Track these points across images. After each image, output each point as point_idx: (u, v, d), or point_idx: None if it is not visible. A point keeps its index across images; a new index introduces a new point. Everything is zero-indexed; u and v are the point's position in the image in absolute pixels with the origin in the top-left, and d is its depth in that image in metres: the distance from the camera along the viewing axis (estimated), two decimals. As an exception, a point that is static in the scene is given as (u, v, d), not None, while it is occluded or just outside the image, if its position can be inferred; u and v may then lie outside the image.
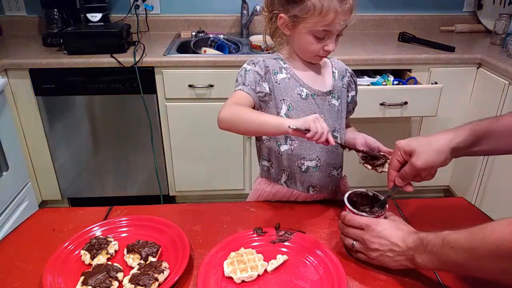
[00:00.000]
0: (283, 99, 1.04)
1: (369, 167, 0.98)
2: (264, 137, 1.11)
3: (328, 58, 1.13)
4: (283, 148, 1.08)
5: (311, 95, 1.06)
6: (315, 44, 0.98)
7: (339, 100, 1.10)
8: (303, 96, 1.05)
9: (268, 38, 1.10)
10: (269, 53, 1.12)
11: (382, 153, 1.01)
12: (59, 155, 2.20)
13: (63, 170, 2.24)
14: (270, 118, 0.94)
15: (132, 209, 1.03)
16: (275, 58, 1.08)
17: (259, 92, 1.03)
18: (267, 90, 1.04)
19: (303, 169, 1.09)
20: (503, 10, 2.37)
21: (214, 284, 0.79)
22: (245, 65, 1.07)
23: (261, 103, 1.05)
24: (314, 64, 1.09)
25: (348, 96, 1.15)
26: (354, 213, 0.87)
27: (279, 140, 1.08)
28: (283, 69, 1.06)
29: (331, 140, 0.88)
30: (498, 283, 0.79)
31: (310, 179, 1.11)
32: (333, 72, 1.12)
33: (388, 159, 0.98)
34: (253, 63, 1.05)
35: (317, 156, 1.09)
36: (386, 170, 0.96)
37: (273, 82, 1.05)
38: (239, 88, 1.03)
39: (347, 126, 1.20)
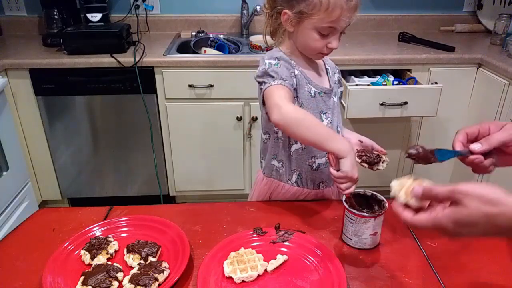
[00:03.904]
0: (296, 96, 1.03)
1: (366, 165, 0.99)
2: (279, 135, 1.09)
3: None
4: (294, 147, 1.08)
5: (318, 93, 1.06)
6: (319, 40, 0.98)
7: (336, 96, 1.12)
8: (312, 94, 1.05)
9: (267, 36, 1.09)
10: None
11: (375, 152, 1.02)
12: (59, 155, 2.20)
13: (63, 170, 2.24)
14: (333, 140, 0.88)
15: (132, 209, 1.03)
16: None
17: (294, 89, 1.00)
18: (295, 85, 1.02)
19: (314, 167, 1.09)
20: (503, 10, 2.37)
21: (214, 284, 0.79)
22: (268, 60, 1.01)
23: None
24: (313, 62, 1.09)
25: (338, 91, 1.17)
26: (353, 213, 0.87)
27: (291, 139, 1.07)
28: (293, 66, 1.04)
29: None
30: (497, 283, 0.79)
31: (321, 176, 1.11)
32: (326, 69, 1.13)
33: (382, 157, 1.00)
34: (277, 58, 1.01)
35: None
36: (381, 168, 0.98)
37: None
38: (279, 82, 0.96)
39: None
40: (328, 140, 0.88)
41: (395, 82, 2.08)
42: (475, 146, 0.76)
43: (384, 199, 0.91)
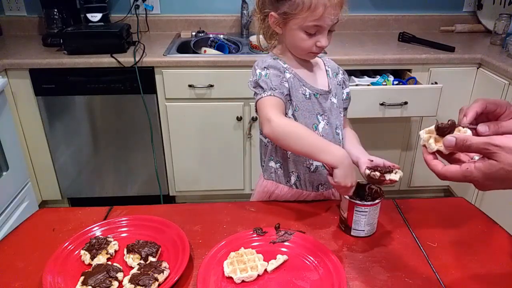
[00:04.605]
0: (290, 100, 1.03)
1: (378, 174, 0.94)
2: None
3: (320, 57, 1.13)
4: None
5: (314, 94, 1.05)
6: (307, 40, 0.98)
7: (336, 97, 1.11)
8: (307, 96, 1.05)
9: (262, 40, 1.09)
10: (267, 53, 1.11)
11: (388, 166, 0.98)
12: (59, 155, 2.20)
13: (63, 170, 2.24)
14: (325, 151, 0.90)
15: (132, 209, 1.03)
16: (274, 59, 1.06)
17: (286, 94, 1.01)
18: (287, 90, 1.02)
19: (312, 169, 1.09)
20: (503, 10, 2.37)
21: (214, 284, 0.79)
22: (259, 70, 1.02)
23: None
24: (307, 63, 1.08)
25: (343, 93, 1.16)
26: (355, 203, 0.90)
27: None
28: (285, 70, 1.04)
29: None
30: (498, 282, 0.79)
31: (319, 178, 1.11)
32: (326, 70, 1.12)
33: (395, 170, 0.95)
34: (266, 67, 1.02)
35: None
36: (395, 178, 0.93)
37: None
38: (269, 94, 0.98)
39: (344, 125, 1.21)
40: (320, 151, 0.89)
41: (395, 82, 2.08)
42: (482, 129, 0.72)
43: (363, 181, 0.96)
